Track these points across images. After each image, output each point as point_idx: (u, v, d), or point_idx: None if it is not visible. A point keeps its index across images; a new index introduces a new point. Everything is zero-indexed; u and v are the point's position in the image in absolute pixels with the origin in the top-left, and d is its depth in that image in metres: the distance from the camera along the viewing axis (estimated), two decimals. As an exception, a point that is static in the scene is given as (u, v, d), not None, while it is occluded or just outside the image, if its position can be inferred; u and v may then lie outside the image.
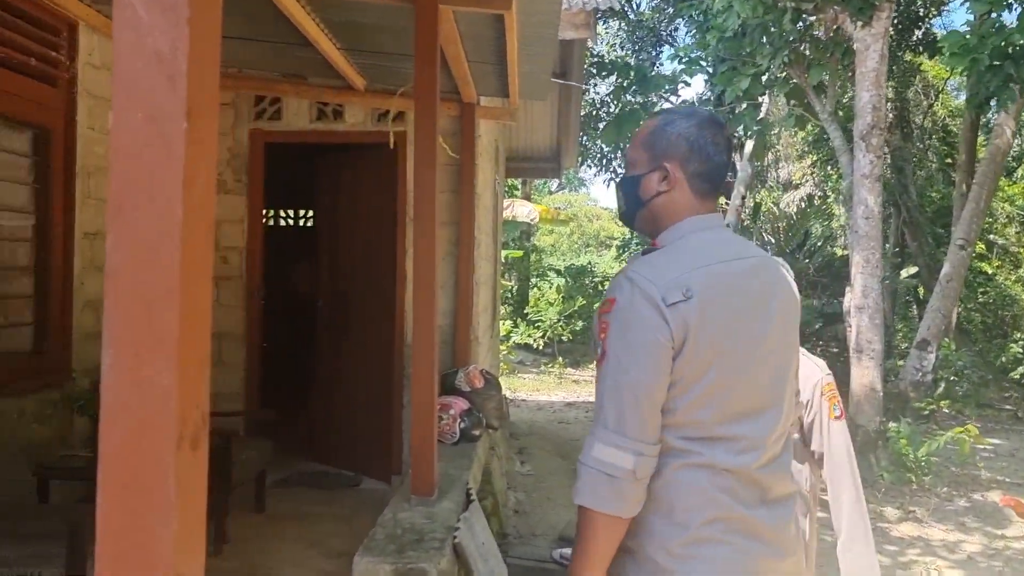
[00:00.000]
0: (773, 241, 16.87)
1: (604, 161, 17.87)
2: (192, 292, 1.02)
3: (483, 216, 5.74)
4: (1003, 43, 7.20)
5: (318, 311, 6.05)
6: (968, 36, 7.46)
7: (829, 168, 14.87)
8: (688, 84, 9.84)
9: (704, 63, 10.56)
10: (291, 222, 9.43)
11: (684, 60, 10.30)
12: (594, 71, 13.74)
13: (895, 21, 11.47)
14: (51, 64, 4.21)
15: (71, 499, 4.09)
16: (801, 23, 9.26)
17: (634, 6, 16.83)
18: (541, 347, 15.59)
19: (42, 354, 4.23)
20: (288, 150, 5.75)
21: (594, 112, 15.82)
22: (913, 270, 14.51)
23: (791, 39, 9.21)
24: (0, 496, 3.50)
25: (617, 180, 1.99)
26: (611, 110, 15.13)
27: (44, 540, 2.95)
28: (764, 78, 9.85)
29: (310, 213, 9.10)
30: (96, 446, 3.40)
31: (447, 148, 5.39)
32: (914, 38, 13.05)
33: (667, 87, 10.14)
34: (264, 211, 5.81)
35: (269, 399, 5.92)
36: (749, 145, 13.84)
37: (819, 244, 16.64)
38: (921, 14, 12.74)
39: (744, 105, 10.86)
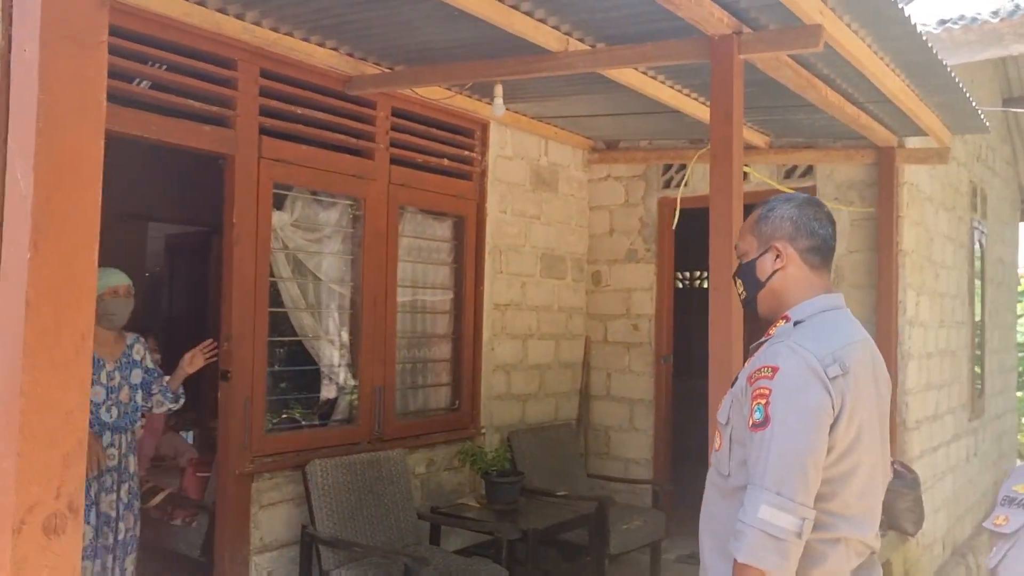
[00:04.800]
0: None
1: None
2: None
3: (915, 276, 4.84)
4: None
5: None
6: None
7: None
8: None
9: None
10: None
11: None
12: None
13: None
14: (465, 162, 4.91)
15: (464, 544, 4.59)
16: None
17: None
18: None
19: (455, 411, 4.88)
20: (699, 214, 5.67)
21: None
22: None
23: None
24: (399, 531, 4.10)
25: (733, 272, 1.99)
26: None
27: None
28: None
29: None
30: (489, 498, 3.72)
31: (845, 201, 4.73)
32: None
33: None
34: (679, 275, 5.79)
35: (687, 471, 5.78)
36: None
37: None
38: None
39: None
